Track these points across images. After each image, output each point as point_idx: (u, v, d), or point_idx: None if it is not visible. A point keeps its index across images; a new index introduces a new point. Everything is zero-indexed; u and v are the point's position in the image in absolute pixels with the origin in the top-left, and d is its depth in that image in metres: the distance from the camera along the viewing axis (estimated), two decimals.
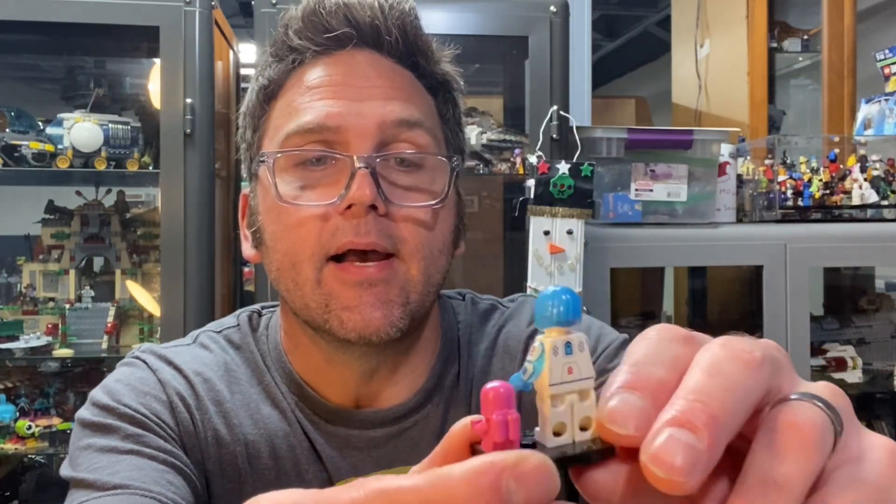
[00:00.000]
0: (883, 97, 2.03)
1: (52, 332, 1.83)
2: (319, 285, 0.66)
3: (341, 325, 0.65)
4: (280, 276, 0.69)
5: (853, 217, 1.83)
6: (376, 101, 0.67)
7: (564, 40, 1.74)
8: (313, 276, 0.66)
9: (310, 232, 0.66)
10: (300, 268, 0.66)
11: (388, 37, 0.69)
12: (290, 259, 0.67)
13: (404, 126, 0.67)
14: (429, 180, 0.69)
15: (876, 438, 0.28)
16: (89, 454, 0.64)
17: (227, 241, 2.01)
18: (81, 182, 1.97)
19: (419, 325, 0.71)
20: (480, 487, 0.23)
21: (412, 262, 0.66)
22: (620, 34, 5.85)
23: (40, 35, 1.91)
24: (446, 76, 0.74)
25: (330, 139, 0.67)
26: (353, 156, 0.65)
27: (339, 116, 0.66)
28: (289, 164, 0.68)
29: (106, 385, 0.70)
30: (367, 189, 0.63)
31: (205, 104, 1.70)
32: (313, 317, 0.67)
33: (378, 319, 0.64)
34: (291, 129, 0.68)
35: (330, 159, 0.67)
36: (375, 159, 0.66)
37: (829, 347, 1.96)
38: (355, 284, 0.65)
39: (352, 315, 0.65)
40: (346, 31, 0.69)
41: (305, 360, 0.73)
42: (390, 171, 0.67)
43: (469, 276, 2.01)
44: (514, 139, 1.84)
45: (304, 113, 0.68)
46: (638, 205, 1.74)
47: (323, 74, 0.69)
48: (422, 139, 0.68)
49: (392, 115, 0.67)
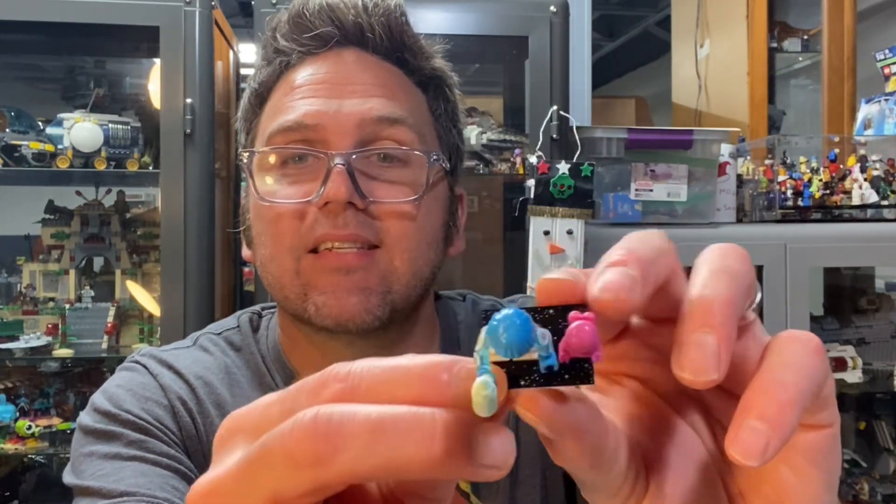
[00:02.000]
0: (883, 97, 2.03)
1: (52, 332, 1.83)
2: (298, 275, 0.66)
3: (317, 311, 0.65)
4: (264, 270, 0.70)
5: (853, 217, 1.83)
6: (357, 98, 0.68)
7: (564, 40, 1.74)
8: (292, 267, 0.66)
9: (288, 226, 0.66)
10: (280, 260, 0.67)
11: (371, 34, 0.70)
12: (270, 252, 0.68)
13: (385, 123, 0.68)
14: (412, 176, 0.69)
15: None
16: (93, 461, 0.64)
17: (227, 241, 2.01)
18: (81, 182, 1.97)
19: (407, 318, 0.71)
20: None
21: (396, 251, 0.67)
22: (620, 34, 5.85)
23: (40, 35, 1.91)
24: (436, 71, 0.75)
25: (310, 137, 0.67)
26: (330, 153, 0.66)
27: (318, 115, 0.67)
28: (271, 163, 0.69)
29: (107, 390, 0.70)
30: (343, 186, 0.64)
31: (205, 104, 1.70)
32: (294, 307, 0.67)
33: (354, 305, 0.64)
34: (273, 129, 0.68)
35: (310, 157, 0.68)
36: (352, 156, 0.66)
37: (829, 347, 1.96)
38: (332, 270, 0.65)
39: (327, 300, 0.65)
40: (329, 31, 0.69)
41: (303, 358, 0.73)
42: (371, 168, 0.68)
43: (469, 276, 2.01)
44: (514, 139, 1.84)
45: (286, 112, 0.68)
46: (638, 205, 1.74)
47: (307, 74, 0.70)
48: (404, 136, 0.68)
49: (372, 113, 0.67)
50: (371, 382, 0.25)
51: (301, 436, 0.23)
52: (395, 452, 0.23)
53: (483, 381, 0.24)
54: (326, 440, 0.23)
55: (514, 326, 0.25)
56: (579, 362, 0.26)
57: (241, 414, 0.27)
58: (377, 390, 0.25)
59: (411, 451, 0.23)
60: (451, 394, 0.24)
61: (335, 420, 0.23)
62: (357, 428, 0.23)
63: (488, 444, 0.24)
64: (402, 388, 0.24)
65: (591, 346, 0.25)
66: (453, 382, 0.24)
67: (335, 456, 0.23)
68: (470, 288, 0.87)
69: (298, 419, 0.24)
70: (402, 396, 0.24)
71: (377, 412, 0.23)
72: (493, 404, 0.24)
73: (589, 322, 0.26)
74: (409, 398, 0.24)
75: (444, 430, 0.23)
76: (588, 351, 0.25)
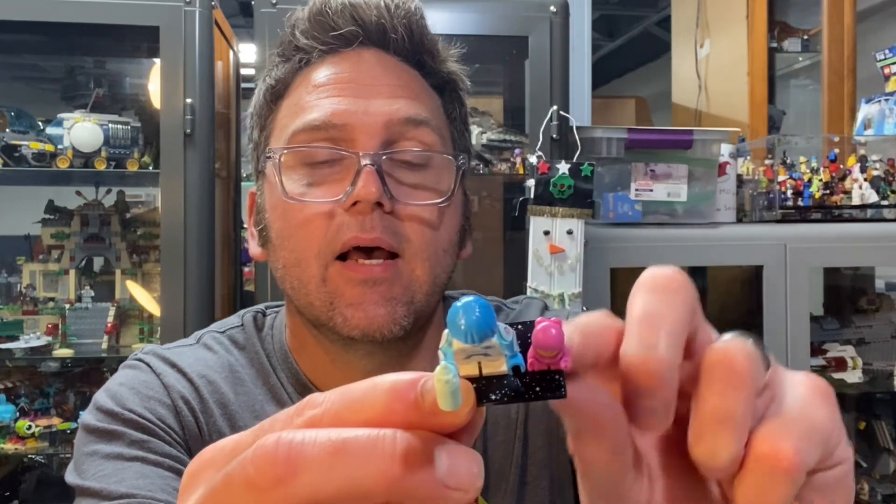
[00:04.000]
0: (883, 97, 2.03)
1: (52, 332, 1.83)
2: (324, 283, 0.66)
3: (345, 322, 0.65)
4: (286, 273, 0.69)
5: (853, 217, 1.83)
6: (383, 98, 0.67)
7: (564, 40, 1.74)
8: (318, 274, 0.66)
9: (316, 229, 0.65)
10: (305, 265, 0.66)
11: (393, 35, 0.70)
12: (296, 256, 0.67)
13: (411, 124, 0.67)
14: (435, 179, 0.68)
15: (797, 375, 0.31)
16: (95, 461, 0.64)
17: (227, 241, 2.01)
18: (81, 182, 1.97)
19: (424, 325, 0.71)
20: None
21: (416, 262, 0.66)
22: (620, 34, 5.86)
23: (40, 35, 1.91)
24: (452, 75, 0.75)
25: (336, 136, 0.67)
26: (359, 153, 0.65)
27: (346, 114, 0.66)
28: (295, 162, 0.68)
29: (109, 389, 0.69)
30: (373, 186, 0.63)
31: (205, 104, 1.70)
32: (317, 315, 0.66)
33: (382, 317, 0.64)
34: (298, 127, 0.68)
35: (336, 157, 0.67)
36: (381, 157, 0.65)
37: (829, 347, 1.96)
38: (360, 282, 0.65)
39: (356, 312, 0.64)
40: (352, 30, 0.69)
41: (311, 360, 0.72)
42: (396, 170, 0.67)
43: (469, 276, 2.01)
44: (514, 139, 1.84)
45: (310, 111, 0.68)
46: (638, 205, 1.74)
47: (330, 73, 0.69)
48: (428, 137, 0.68)
49: (399, 114, 0.67)
50: (341, 406, 0.25)
51: (262, 460, 0.24)
52: (354, 473, 0.23)
53: (442, 366, 0.24)
54: (287, 463, 0.23)
55: (473, 311, 0.24)
56: (550, 374, 0.25)
57: (213, 448, 0.28)
58: (347, 414, 0.25)
59: (371, 472, 0.23)
60: (420, 410, 0.24)
61: (296, 443, 0.24)
62: (317, 450, 0.23)
63: (453, 464, 0.24)
64: (370, 409, 0.25)
65: (557, 345, 0.25)
66: (421, 397, 0.24)
67: (295, 478, 0.23)
68: (470, 288, 0.87)
69: (260, 444, 0.24)
70: (371, 418, 0.24)
71: (337, 434, 0.24)
72: (457, 394, 0.24)
73: (555, 324, 0.26)
74: (378, 419, 0.24)
75: (404, 451, 0.23)
76: (554, 349, 0.25)
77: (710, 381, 0.27)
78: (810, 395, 0.29)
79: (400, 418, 0.24)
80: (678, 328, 0.28)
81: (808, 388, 0.30)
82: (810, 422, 0.28)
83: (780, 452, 0.27)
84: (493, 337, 0.25)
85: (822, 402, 0.29)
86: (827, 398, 0.29)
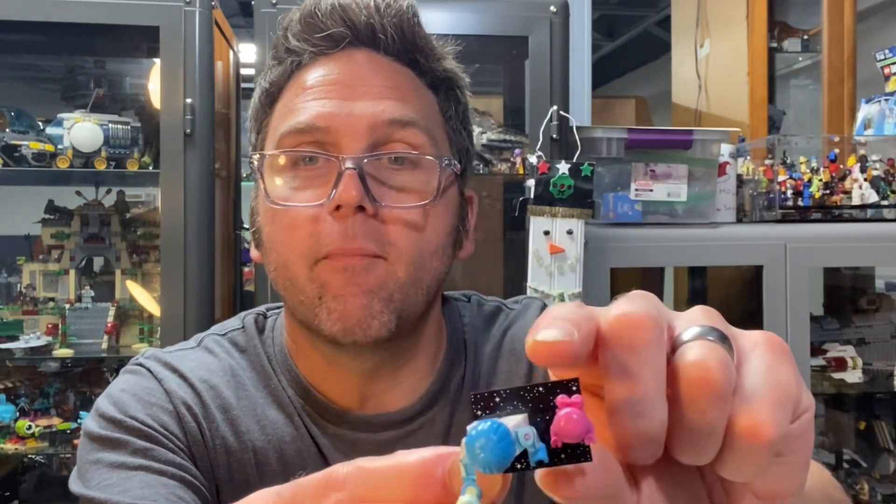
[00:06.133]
0: (883, 97, 2.03)
1: (52, 332, 1.83)
2: (312, 279, 0.66)
3: (329, 315, 0.64)
4: (277, 275, 0.69)
5: (853, 217, 1.83)
6: (369, 100, 0.67)
7: (564, 40, 1.74)
8: (305, 273, 0.66)
9: (301, 233, 0.65)
10: (293, 267, 0.66)
11: (382, 35, 0.69)
12: (283, 259, 0.67)
13: (397, 125, 0.67)
14: (424, 180, 0.68)
15: (752, 335, 0.32)
16: (99, 470, 0.64)
17: (227, 241, 2.01)
18: (81, 182, 1.97)
19: (418, 327, 0.71)
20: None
21: (399, 265, 0.66)
22: (620, 34, 5.86)
23: (40, 35, 1.91)
24: (448, 73, 0.74)
25: (321, 139, 0.66)
26: (340, 156, 0.65)
27: (330, 116, 0.66)
28: (282, 165, 0.68)
29: (111, 395, 0.69)
30: (354, 190, 0.63)
31: (205, 104, 1.70)
32: (305, 314, 0.66)
33: (358, 309, 0.64)
34: (284, 130, 0.68)
35: (321, 160, 0.67)
36: (363, 160, 0.65)
37: (829, 347, 1.96)
38: (342, 270, 0.64)
39: (337, 305, 0.64)
40: (340, 31, 0.69)
41: (308, 362, 0.72)
42: (382, 171, 0.67)
43: (469, 276, 2.01)
44: (514, 139, 1.84)
45: (297, 113, 0.68)
46: (638, 205, 1.74)
47: (319, 75, 0.69)
48: (416, 139, 0.68)
49: (384, 115, 0.67)
50: (367, 489, 0.27)
51: None
52: None
53: (466, 500, 0.24)
54: None
55: (491, 443, 0.25)
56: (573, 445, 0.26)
57: None
58: (376, 497, 0.26)
59: None
60: (450, 494, 0.25)
61: None
62: None
63: None
64: (399, 490, 0.26)
65: (581, 433, 0.26)
66: (448, 480, 0.26)
67: None
68: (470, 288, 0.87)
69: None
70: (399, 499, 0.26)
71: None
72: None
73: (576, 409, 0.26)
74: (407, 500, 0.26)
75: None
76: (579, 438, 0.26)
77: (690, 400, 0.28)
78: (771, 357, 0.30)
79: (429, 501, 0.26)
80: (659, 377, 0.29)
81: (768, 350, 0.31)
82: (780, 387, 0.29)
83: (760, 428, 0.28)
84: (513, 457, 0.26)
85: (783, 362, 0.30)
86: (785, 354, 0.31)
